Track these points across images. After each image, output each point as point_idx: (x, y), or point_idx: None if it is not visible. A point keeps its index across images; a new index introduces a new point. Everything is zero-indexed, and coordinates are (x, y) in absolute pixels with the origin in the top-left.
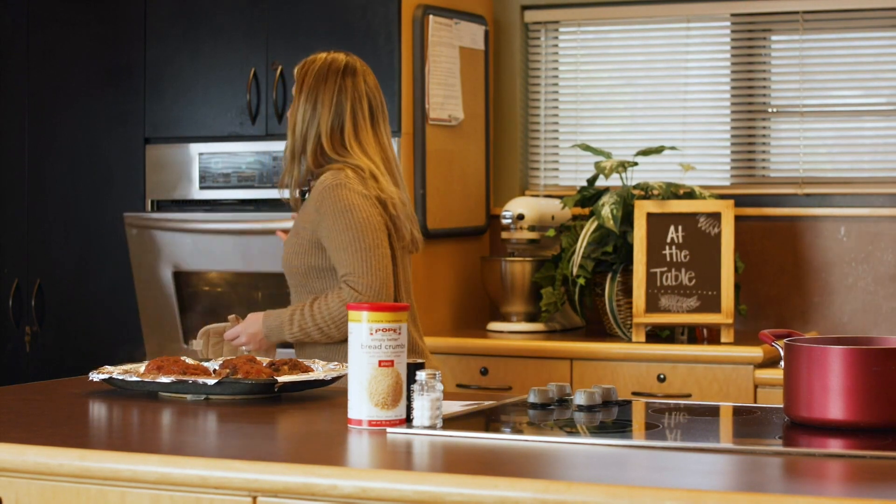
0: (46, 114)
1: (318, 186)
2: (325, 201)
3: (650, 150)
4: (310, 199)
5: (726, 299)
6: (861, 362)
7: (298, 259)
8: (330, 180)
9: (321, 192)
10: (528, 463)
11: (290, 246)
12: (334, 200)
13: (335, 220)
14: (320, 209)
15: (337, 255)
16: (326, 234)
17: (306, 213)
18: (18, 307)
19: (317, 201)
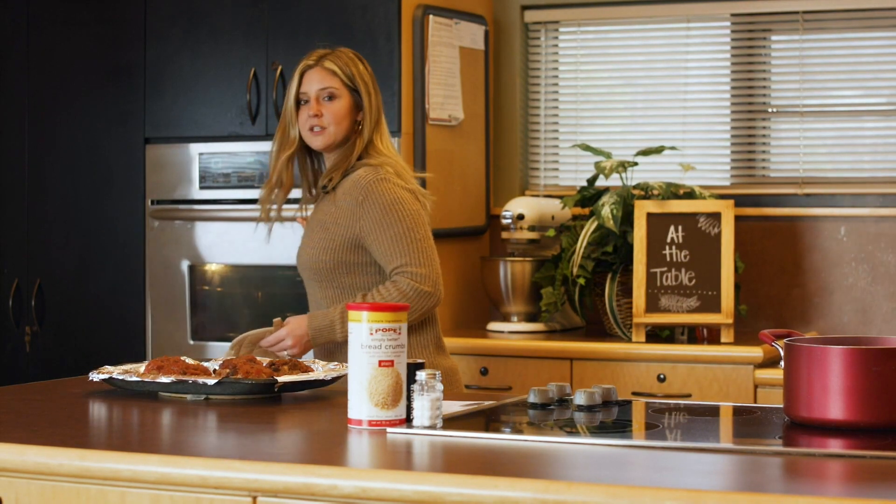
0: (46, 114)
1: (357, 182)
2: (370, 196)
3: (650, 150)
4: (343, 194)
5: (726, 299)
6: (861, 362)
7: (328, 254)
8: (371, 175)
9: (364, 188)
10: (528, 463)
11: (316, 241)
12: (380, 194)
13: (384, 214)
14: (363, 204)
15: (388, 247)
16: (372, 228)
17: (340, 209)
18: (18, 307)
19: (357, 196)
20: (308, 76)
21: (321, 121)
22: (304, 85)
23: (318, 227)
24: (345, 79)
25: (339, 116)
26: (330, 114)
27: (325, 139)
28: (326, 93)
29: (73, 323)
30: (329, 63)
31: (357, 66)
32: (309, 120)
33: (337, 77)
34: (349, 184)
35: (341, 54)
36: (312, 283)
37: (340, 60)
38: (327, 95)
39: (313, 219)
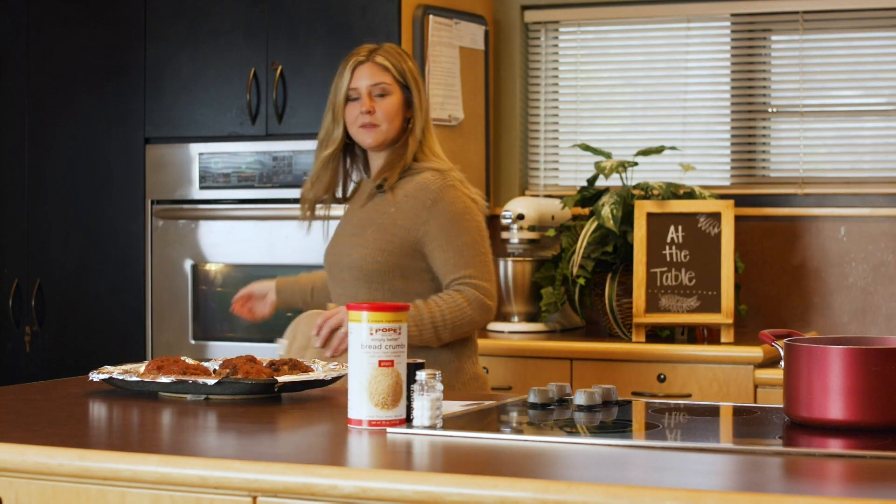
0: (46, 114)
1: (425, 186)
2: (439, 203)
3: (650, 150)
4: (407, 196)
5: (726, 299)
6: (861, 362)
7: (385, 256)
8: (439, 181)
9: (434, 193)
10: (528, 463)
11: (370, 240)
12: (451, 201)
13: (453, 223)
14: (432, 209)
15: (452, 257)
16: (438, 235)
17: (402, 211)
18: (18, 307)
19: (425, 201)
20: (359, 71)
21: (374, 117)
22: (354, 80)
23: (371, 226)
24: (396, 75)
25: (392, 113)
26: (382, 110)
27: (378, 136)
28: (379, 89)
29: (73, 323)
30: (381, 58)
31: (406, 61)
32: (360, 117)
33: (389, 73)
34: (414, 186)
35: (391, 49)
36: (356, 283)
37: (391, 56)
38: (379, 92)
39: (358, 217)
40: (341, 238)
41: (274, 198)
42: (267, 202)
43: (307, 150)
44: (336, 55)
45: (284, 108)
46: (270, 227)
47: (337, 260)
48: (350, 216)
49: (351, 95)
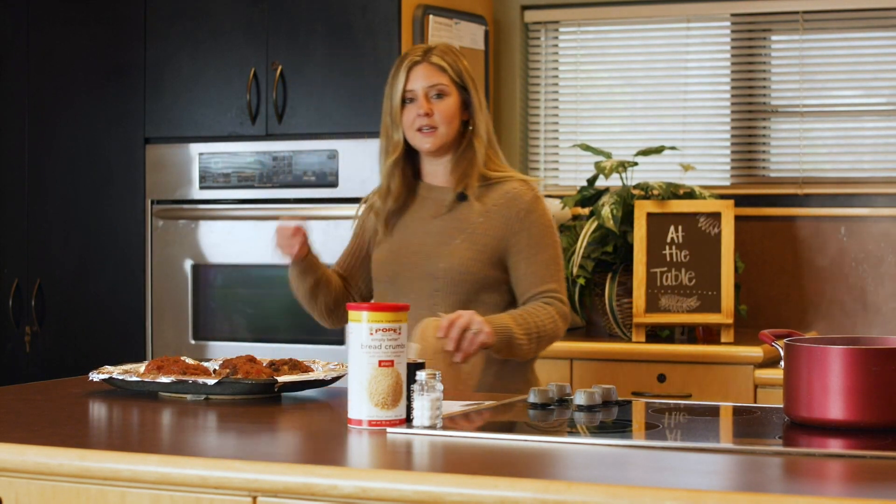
0: (46, 114)
1: (517, 196)
2: (532, 214)
3: (650, 150)
4: (496, 205)
5: (726, 299)
6: (861, 362)
7: (476, 266)
8: (530, 191)
9: (527, 204)
10: (528, 463)
11: (463, 251)
12: (541, 214)
13: (542, 236)
14: (524, 220)
15: (539, 269)
16: (527, 247)
17: (491, 220)
18: (18, 307)
19: (518, 211)
20: (415, 72)
21: (432, 120)
22: (410, 81)
23: (459, 235)
24: (454, 75)
25: (450, 115)
26: (440, 112)
27: (436, 140)
28: (436, 90)
29: (73, 323)
30: (436, 58)
31: (461, 61)
32: (418, 119)
33: (446, 73)
34: (503, 196)
35: (446, 48)
36: (435, 293)
37: (447, 55)
38: (436, 93)
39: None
40: (413, 247)
41: (274, 198)
42: (267, 202)
43: (307, 150)
44: (336, 55)
45: (284, 108)
46: (270, 227)
47: (410, 270)
48: (419, 224)
49: (407, 97)
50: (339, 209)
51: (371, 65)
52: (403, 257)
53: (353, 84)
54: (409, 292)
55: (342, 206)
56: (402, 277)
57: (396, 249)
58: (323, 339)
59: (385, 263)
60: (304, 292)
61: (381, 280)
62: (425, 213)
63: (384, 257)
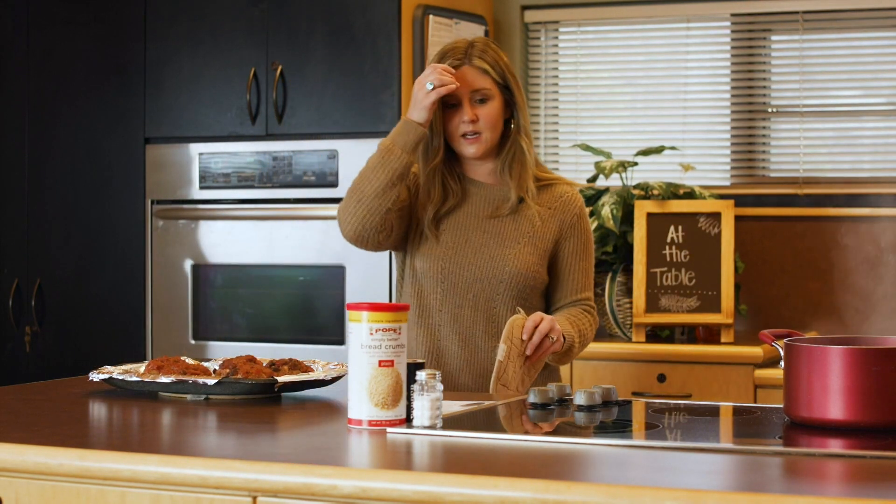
0: (46, 114)
1: (568, 200)
2: (582, 220)
3: (650, 150)
4: (549, 208)
5: (726, 299)
6: (861, 362)
7: (540, 270)
8: (578, 196)
9: (579, 209)
10: (528, 463)
11: (530, 254)
12: (587, 220)
13: (587, 242)
14: (575, 226)
15: (580, 277)
16: (573, 253)
17: (545, 223)
18: (18, 307)
19: (570, 216)
20: (456, 76)
21: (476, 126)
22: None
23: (523, 238)
24: (497, 77)
25: (494, 120)
26: (485, 118)
27: (481, 146)
28: (480, 94)
29: (73, 323)
30: (478, 60)
31: (502, 58)
32: (462, 126)
33: (489, 76)
34: (555, 199)
35: (486, 47)
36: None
37: (489, 56)
38: (480, 97)
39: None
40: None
41: (274, 198)
42: (267, 202)
43: (307, 150)
44: (336, 55)
45: (284, 108)
46: (270, 227)
47: (470, 271)
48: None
49: (449, 102)
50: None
51: (371, 65)
52: (462, 257)
53: (353, 84)
54: (466, 293)
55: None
56: (458, 278)
57: (452, 248)
58: (323, 339)
59: (439, 261)
60: (392, 175)
61: (431, 278)
62: (479, 212)
63: (438, 254)
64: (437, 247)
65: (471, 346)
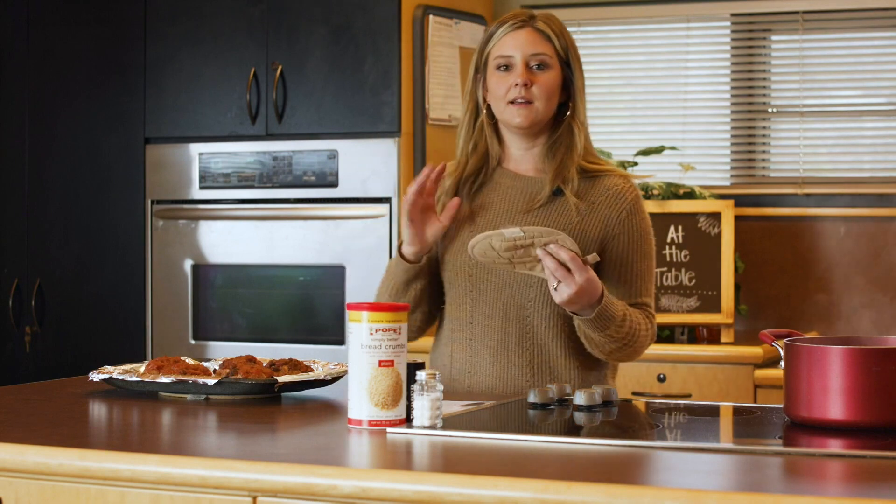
0: (46, 114)
1: (619, 193)
2: (634, 215)
3: (650, 150)
4: (597, 204)
5: (726, 299)
6: (861, 362)
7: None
8: (632, 189)
9: (630, 204)
10: (528, 463)
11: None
12: (643, 217)
13: (641, 242)
14: (626, 222)
15: (632, 279)
16: (623, 252)
17: (592, 221)
18: (18, 307)
19: (620, 211)
20: (515, 36)
21: (529, 93)
22: (508, 46)
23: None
24: (559, 48)
25: (550, 90)
26: (540, 85)
27: (531, 115)
28: (537, 60)
29: (73, 323)
30: (542, 24)
31: (568, 34)
32: (513, 90)
33: (550, 43)
34: (602, 191)
35: (553, 18)
36: (528, 304)
37: (555, 24)
38: (538, 63)
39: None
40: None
41: (274, 198)
42: (267, 202)
43: (307, 149)
44: (336, 55)
45: (284, 108)
46: (270, 227)
47: (498, 275)
48: (507, 220)
49: (501, 63)
50: (339, 209)
51: (371, 65)
52: None
53: (353, 84)
54: (495, 301)
55: (342, 206)
56: (487, 283)
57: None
58: (323, 339)
59: (466, 265)
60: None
61: (457, 283)
62: (513, 207)
63: (464, 256)
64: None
65: (503, 361)
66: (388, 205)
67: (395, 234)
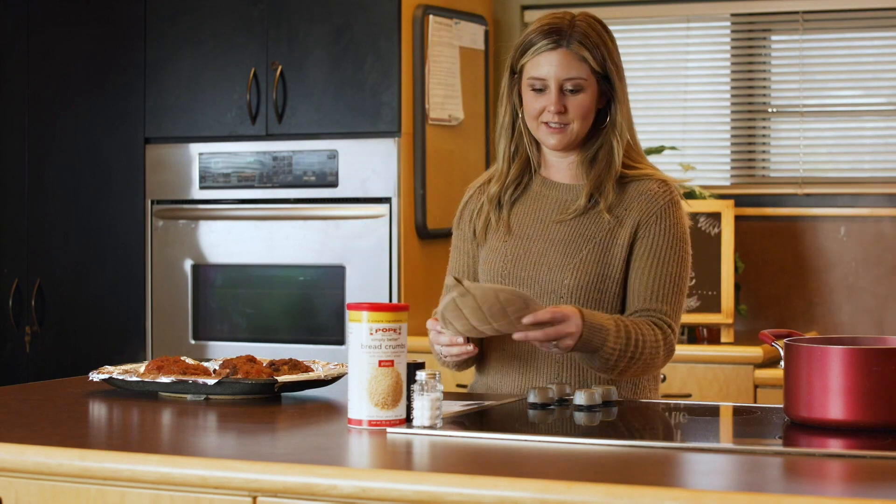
0: (46, 114)
1: (652, 197)
2: (664, 220)
3: (650, 150)
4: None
5: (726, 299)
6: (861, 362)
7: (608, 283)
8: (668, 194)
9: (661, 207)
10: (528, 463)
11: (594, 265)
12: (674, 222)
13: (669, 247)
14: (653, 226)
15: (654, 284)
16: (648, 255)
17: (623, 225)
18: (18, 307)
19: (650, 215)
20: (548, 58)
21: (563, 117)
22: (542, 68)
23: (588, 244)
24: (596, 66)
25: (586, 111)
26: (574, 108)
27: (566, 138)
28: (571, 84)
29: (73, 323)
30: (577, 46)
31: (607, 43)
32: (546, 114)
33: (586, 64)
34: (635, 196)
35: (589, 29)
36: None
37: (590, 40)
38: (572, 87)
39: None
40: (534, 255)
41: (274, 198)
42: (267, 202)
43: (307, 149)
44: (336, 55)
45: (284, 108)
46: (270, 227)
47: (529, 284)
48: (540, 228)
49: (535, 85)
50: (339, 209)
51: (371, 65)
52: (521, 269)
53: (353, 84)
54: None
55: (342, 206)
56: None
57: (513, 257)
58: (323, 339)
59: (498, 273)
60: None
61: None
62: (546, 217)
63: (498, 266)
64: (499, 254)
65: (532, 372)
66: (388, 205)
67: (395, 233)
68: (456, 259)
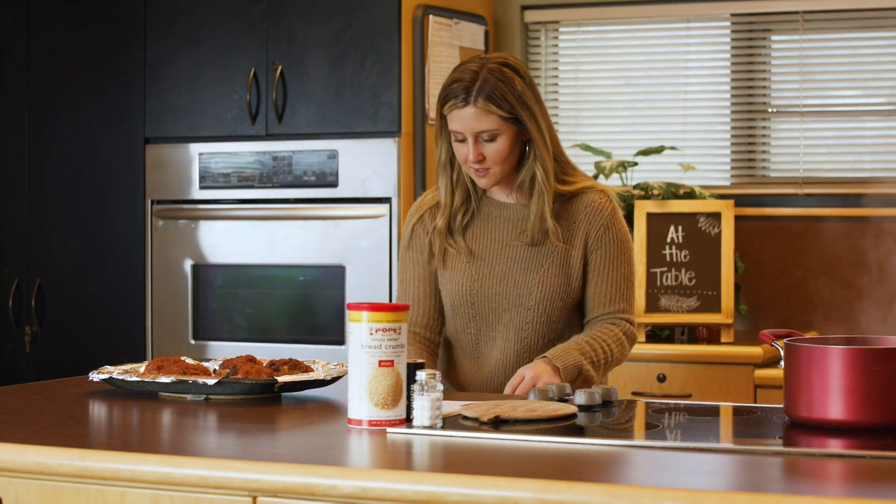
0: (46, 114)
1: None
2: (612, 229)
3: (650, 150)
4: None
5: (726, 299)
6: (861, 362)
7: (569, 291)
8: (608, 204)
9: (607, 218)
10: (528, 463)
11: (557, 277)
12: (619, 228)
13: (619, 252)
14: (604, 237)
15: (611, 288)
16: (602, 264)
17: (575, 239)
18: (18, 307)
19: (599, 227)
20: (460, 116)
21: (483, 164)
22: (456, 123)
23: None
24: (505, 114)
25: (503, 155)
26: (491, 155)
27: (491, 180)
28: (486, 135)
29: (73, 323)
30: (483, 103)
31: (514, 87)
32: (469, 161)
33: (493, 115)
34: (581, 209)
35: (496, 82)
36: (527, 325)
37: (496, 93)
38: (487, 137)
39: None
40: (497, 274)
41: (274, 198)
42: (267, 202)
43: (307, 150)
44: (336, 55)
45: (284, 108)
46: (270, 227)
47: (497, 301)
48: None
49: (457, 136)
50: (339, 209)
51: (371, 65)
52: (488, 287)
53: (353, 84)
54: (496, 324)
55: (342, 206)
56: (486, 309)
57: (479, 276)
58: (323, 339)
59: (465, 293)
60: None
61: (459, 310)
62: (503, 237)
63: (465, 286)
64: (464, 274)
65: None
66: (388, 205)
67: (395, 233)
68: (410, 286)
